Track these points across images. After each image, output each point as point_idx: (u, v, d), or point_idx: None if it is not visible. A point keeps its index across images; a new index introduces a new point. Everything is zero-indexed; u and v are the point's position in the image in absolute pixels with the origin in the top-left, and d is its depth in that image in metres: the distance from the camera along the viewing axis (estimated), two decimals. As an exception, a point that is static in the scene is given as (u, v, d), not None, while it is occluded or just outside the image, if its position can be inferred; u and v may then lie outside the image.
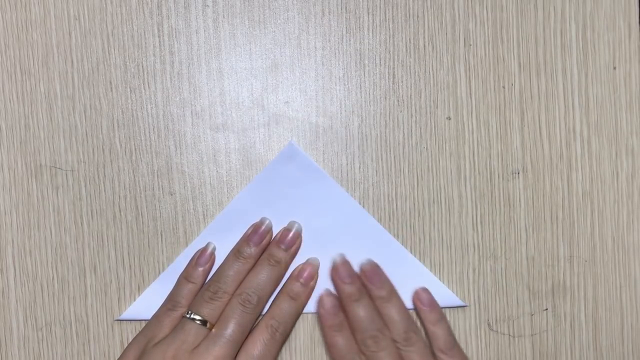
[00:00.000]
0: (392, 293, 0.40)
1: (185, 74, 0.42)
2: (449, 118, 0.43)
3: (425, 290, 0.41)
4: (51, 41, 0.42)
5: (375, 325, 0.39)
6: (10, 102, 0.41)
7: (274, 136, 0.42)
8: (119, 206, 0.42)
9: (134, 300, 0.42)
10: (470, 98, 0.43)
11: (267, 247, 0.40)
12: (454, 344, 0.40)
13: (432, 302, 0.41)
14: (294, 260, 0.41)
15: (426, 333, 0.41)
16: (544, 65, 0.43)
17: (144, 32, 0.42)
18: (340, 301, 0.40)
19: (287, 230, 0.40)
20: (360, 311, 0.39)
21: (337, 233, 0.41)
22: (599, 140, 0.44)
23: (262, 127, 0.42)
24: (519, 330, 0.43)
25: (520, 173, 0.43)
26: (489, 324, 0.43)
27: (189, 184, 0.42)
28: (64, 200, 0.42)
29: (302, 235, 0.41)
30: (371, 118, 0.43)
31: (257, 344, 0.38)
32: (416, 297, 0.41)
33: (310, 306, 0.41)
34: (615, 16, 0.44)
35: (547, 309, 0.44)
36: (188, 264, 0.40)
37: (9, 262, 0.42)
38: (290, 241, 0.40)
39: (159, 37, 0.42)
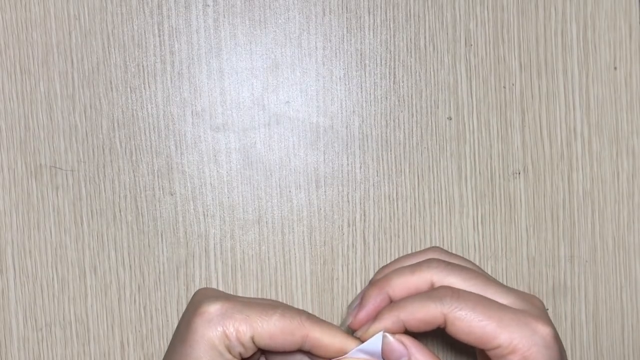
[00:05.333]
0: None
1: (186, 74, 0.42)
2: (450, 118, 0.43)
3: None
4: (51, 41, 0.41)
5: None
6: (10, 102, 0.41)
7: (275, 136, 0.42)
8: (119, 206, 0.42)
9: (134, 300, 0.42)
10: (471, 98, 0.43)
11: None
12: None
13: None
14: None
15: None
16: (544, 65, 0.43)
17: (144, 32, 0.42)
18: None
19: None
20: None
21: None
22: (599, 140, 0.44)
23: (262, 127, 0.42)
24: (519, 330, 0.43)
25: (521, 173, 0.43)
26: (489, 324, 0.43)
27: (190, 184, 0.42)
28: (64, 200, 0.41)
29: None
30: (372, 118, 0.43)
31: None
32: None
33: None
34: (616, 16, 0.44)
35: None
36: None
37: (9, 262, 0.41)
38: None
39: (159, 36, 0.42)
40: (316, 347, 0.34)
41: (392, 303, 0.35)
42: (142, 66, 0.42)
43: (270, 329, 0.33)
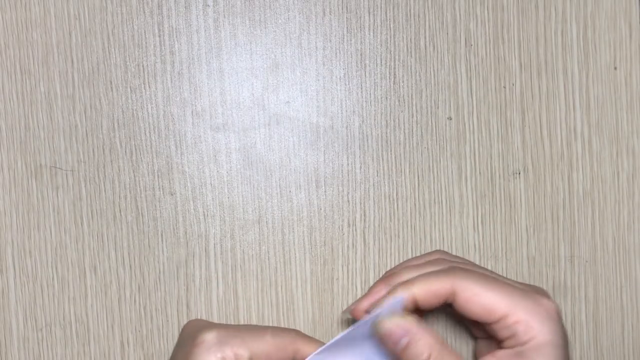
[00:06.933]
0: None
1: (186, 74, 0.42)
2: (450, 118, 0.43)
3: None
4: (51, 41, 0.41)
5: None
6: (10, 102, 0.41)
7: (275, 136, 0.42)
8: (119, 206, 0.42)
9: (134, 300, 0.42)
10: (471, 98, 0.43)
11: None
12: None
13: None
14: None
15: None
16: (544, 65, 0.43)
17: (145, 32, 0.42)
18: None
19: None
20: None
21: None
22: (599, 140, 0.44)
23: (262, 127, 0.42)
24: (519, 330, 0.43)
25: (521, 173, 0.43)
26: (489, 324, 0.43)
27: (190, 184, 0.42)
28: (64, 200, 0.41)
29: None
30: (372, 118, 0.43)
31: None
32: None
33: None
34: (616, 16, 0.44)
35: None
36: None
37: (9, 262, 0.41)
38: None
39: (159, 36, 0.42)
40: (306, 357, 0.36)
41: (403, 281, 0.36)
42: (142, 66, 0.42)
43: (265, 348, 0.35)
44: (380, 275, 0.43)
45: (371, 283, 0.42)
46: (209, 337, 0.35)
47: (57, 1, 0.41)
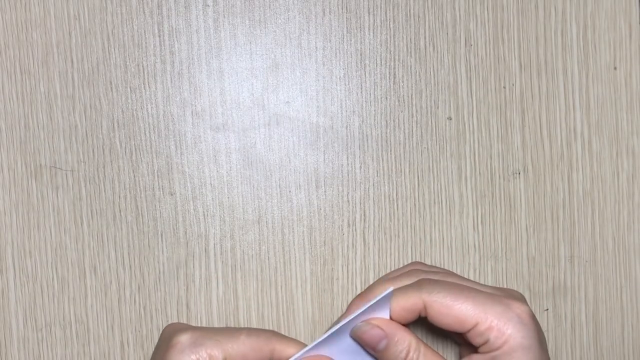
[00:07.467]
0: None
1: (186, 74, 0.42)
2: (450, 118, 0.43)
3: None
4: (51, 41, 0.41)
5: None
6: (10, 102, 0.41)
7: (275, 136, 0.42)
8: (119, 206, 0.42)
9: (134, 300, 0.42)
10: (471, 98, 0.43)
11: None
12: None
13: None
14: None
15: None
16: (544, 65, 0.43)
17: (144, 32, 0.42)
18: None
19: None
20: None
21: None
22: (599, 140, 0.44)
23: (262, 127, 0.42)
24: (519, 330, 0.43)
25: (521, 173, 0.43)
26: (489, 324, 0.43)
27: (190, 184, 0.42)
28: (64, 200, 0.41)
29: None
30: (372, 118, 0.43)
31: None
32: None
33: None
34: (616, 16, 0.44)
35: (547, 309, 0.44)
36: None
37: (9, 262, 0.41)
38: None
39: (159, 36, 0.42)
40: (284, 358, 0.36)
41: None
42: (142, 66, 0.42)
43: (240, 348, 0.35)
44: (380, 276, 0.43)
45: (371, 283, 0.42)
46: (183, 338, 0.35)
47: (57, 1, 0.41)
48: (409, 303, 0.36)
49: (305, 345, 0.36)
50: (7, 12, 0.41)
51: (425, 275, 0.38)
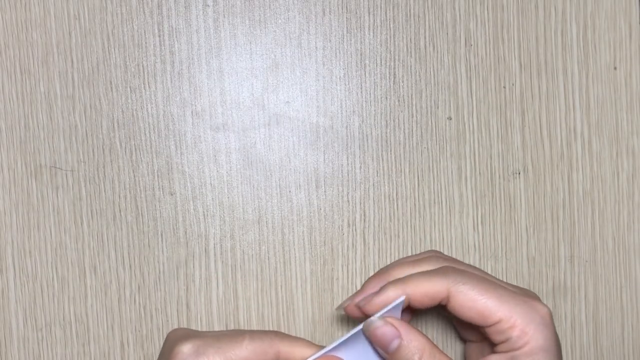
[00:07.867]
0: None
1: (186, 74, 0.42)
2: (450, 118, 0.43)
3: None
4: (51, 41, 0.41)
5: None
6: (10, 102, 0.41)
7: (275, 136, 0.42)
8: (119, 206, 0.42)
9: (134, 300, 0.42)
10: (471, 98, 0.43)
11: None
12: None
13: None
14: None
15: None
16: (544, 65, 0.43)
17: (144, 32, 0.42)
18: None
19: None
20: None
21: None
22: (599, 140, 0.44)
23: (262, 127, 0.42)
24: (519, 330, 0.43)
25: (521, 173, 0.43)
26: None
27: (190, 184, 0.42)
28: (64, 200, 0.41)
29: None
30: (372, 118, 0.43)
31: None
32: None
33: None
34: (616, 16, 0.44)
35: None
36: None
37: (9, 262, 0.41)
38: None
39: (159, 36, 0.42)
40: (291, 359, 0.35)
41: (396, 279, 0.36)
42: (142, 66, 0.42)
43: (244, 354, 0.35)
44: (380, 275, 0.43)
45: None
46: (185, 348, 0.35)
47: (57, 1, 0.41)
48: (433, 290, 0.35)
49: (310, 343, 0.36)
50: (7, 12, 0.41)
51: (446, 263, 0.37)
